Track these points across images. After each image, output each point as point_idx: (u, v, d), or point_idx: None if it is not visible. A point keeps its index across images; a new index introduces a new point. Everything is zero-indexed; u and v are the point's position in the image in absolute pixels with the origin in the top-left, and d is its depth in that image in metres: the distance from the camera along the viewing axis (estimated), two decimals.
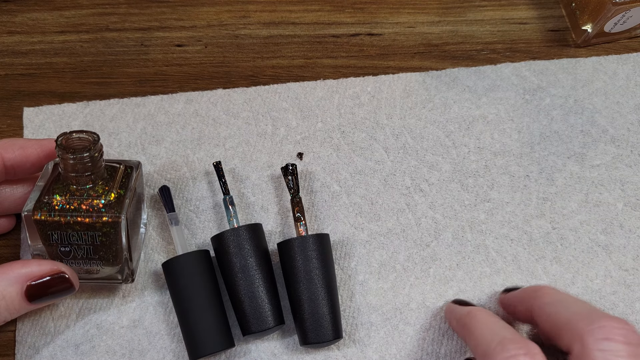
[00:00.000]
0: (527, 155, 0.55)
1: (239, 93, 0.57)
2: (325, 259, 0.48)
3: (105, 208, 0.44)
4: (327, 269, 0.48)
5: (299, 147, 0.55)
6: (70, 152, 0.43)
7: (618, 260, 0.52)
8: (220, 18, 0.61)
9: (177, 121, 0.56)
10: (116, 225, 0.44)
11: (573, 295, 0.49)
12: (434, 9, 0.62)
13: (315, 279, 0.47)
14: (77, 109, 0.56)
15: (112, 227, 0.44)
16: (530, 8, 0.62)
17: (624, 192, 0.54)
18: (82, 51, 0.59)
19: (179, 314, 0.47)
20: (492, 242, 0.53)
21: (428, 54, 0.60)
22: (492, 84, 0.58)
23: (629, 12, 0.56)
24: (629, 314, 0.51)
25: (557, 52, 0.60)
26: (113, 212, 0.44)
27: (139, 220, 0.51)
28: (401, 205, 0.54)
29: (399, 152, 0.55)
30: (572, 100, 0.57)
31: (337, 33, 0.61)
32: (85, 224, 0.44)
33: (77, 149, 0.43)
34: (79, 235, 0.44)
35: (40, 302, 0.44)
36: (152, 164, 0.55)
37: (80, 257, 0.45)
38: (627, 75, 0.59)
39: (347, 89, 0.58)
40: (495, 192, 0.54)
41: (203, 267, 0.48)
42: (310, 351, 0.49)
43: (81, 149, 0.43)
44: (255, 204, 0.53)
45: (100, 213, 0.44)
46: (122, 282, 0.48)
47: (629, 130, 0.56)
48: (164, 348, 0.49)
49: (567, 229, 0.53)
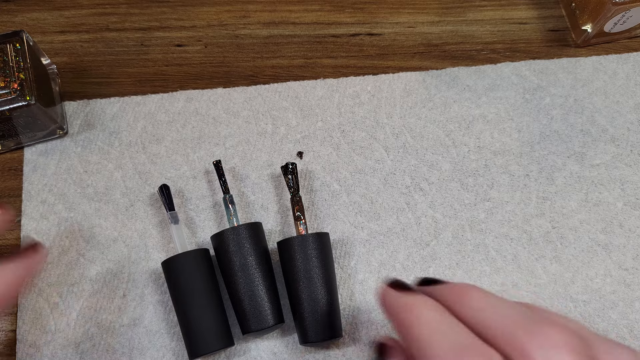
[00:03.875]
0: (527, 154, 0.55)
1: (239, 92, 0.57)
2: (324, 257, 0.48)
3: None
4: (327, 268, 0.48)
5: (299, 146, 0.55)
6: None
7: (618, 260, 0.52)
8: (220, 18, 0.61)
9: (178, 120, 0.56)
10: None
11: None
12: (434, 9, 0.62)
13: (315, 277, 0.47)
14: (77, 107, 0.57)
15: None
16: (530, 8, 0.62)
17: (624, 192, 0.54)
18: (82, 51, 0.60)
19: (179, 313, 0.47)
20: (492, 241, 0.53)
21: (428, 54, 0.60)
22: (492, 84, 0.58)
23: (628, 12, 0.56)
24: (628, 313, 0.51)
25: (557, 52, 0.60)
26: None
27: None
28: (401, 205, 0.54)
29: (399, 151, 0.55)
30: (572, 100, 0.57)
31: (337, 33, 0.61)
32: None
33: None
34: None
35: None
36: (153, 163, 0.55)
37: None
38: (627, 74, 0.59)
39: (347, 88, 0.58)
40: (495, 192, 0.54)
41: (203, 265, 0.48)
42: (311, 350, 0.49)
43: None
44: (255, 202, 0.53)
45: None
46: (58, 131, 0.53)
47: (628, 129, 0.56)
48: (164, 346, 0.49)
49: (567, 228, 0.53)
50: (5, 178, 0.54)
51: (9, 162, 0.55)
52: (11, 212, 0.47)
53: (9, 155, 0.55)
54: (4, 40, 0.52)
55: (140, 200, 0.53)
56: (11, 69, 0.50)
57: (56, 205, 0.53)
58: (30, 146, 0.55)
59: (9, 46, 0.51)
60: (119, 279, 0.51)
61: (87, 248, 0.52)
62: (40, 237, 0.52)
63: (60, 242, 0.52)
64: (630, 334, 0.50)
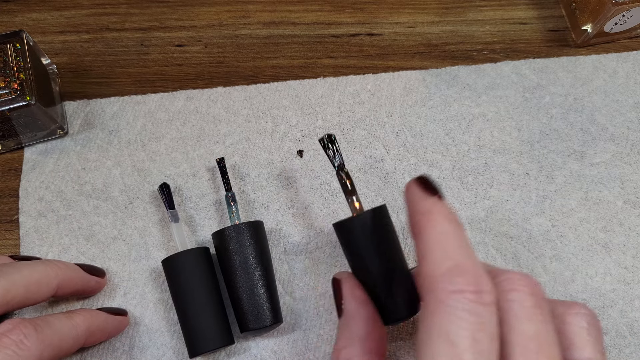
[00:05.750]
0: (527, 153, 0.55)
1: (239, 90, 0.58)
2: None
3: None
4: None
5: (299, 144, 0.55)
6: None
7: (618, 258, 0.52)
8: (220, 18, 0.61)
9: (177, 118, 0.56)
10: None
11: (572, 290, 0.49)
12: (434, 9, 0.62)
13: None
14: (77, 107, 0.57)
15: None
16: (530, 8, 0.63)
17: (624, 190, 0.54)
18: (82, 51, 0.60)
19: (179, 311, 0.47)
20: (492, 240, 0.53)
21: (428, 54, 0.60)
22: (492, 82, 0.58)
23: (628, 12, 0.56)
24: (628, 312, 0.50)
25: (557, 52, 0.60)
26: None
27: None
28: (401, 203, 0.54)
29: (399, 150, 0.55)
30: (571, 99, 0.58)
31: (337, 33, 0.61)
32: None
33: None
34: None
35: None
36: (152, 160, 0.55)
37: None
38: (626, 73, 0.59)
39: (347, 86, 0.58)
40: (495, 190, 0.54)
41: (203, 264, 0.48)
42: (311, 348, 0.49)
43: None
44: (255, 201, 0.53)
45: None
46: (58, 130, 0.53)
47: (628, 128, 0.56)
48: (164, 345, 0.49)
49: (567, 227, 0.53)
50: (5, 178, 0.54)
51: (9, 162, 0.55)
52: (105, 279, 0.51)
53: (9, 156, 0.55)
54: (4, 40, 0.52)
55: (140, 198, 0.53)
56: (11, 69, 0.50)
57: (54, 203, 0.53)
58: (30, 146, 0.55)
59: (9, 46, 0.51)
60: (120, 277, 0.51)
61: (87, 246, 0.52)
62: (39, 235, 0.52)
63: (60, 241, 0.52)
64: (630, 332, 0.50)
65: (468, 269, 0.31)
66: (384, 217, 0.41)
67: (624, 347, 0.49)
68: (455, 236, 0.33)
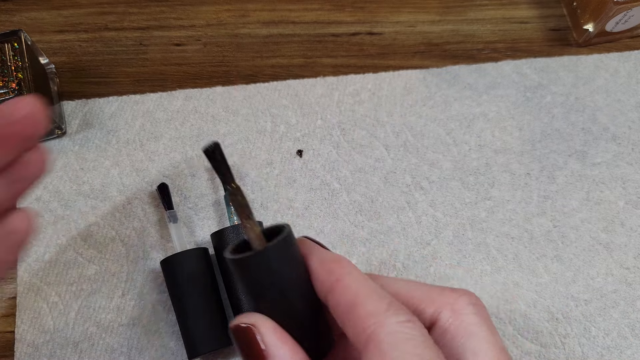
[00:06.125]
0: (528, 153, 0.55)
1: (239, 90, 0.57)
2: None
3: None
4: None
5: (298, 144, 0.55)
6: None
7: (619, 259, 0.52)
8: (220, 17, 0.61)
9: (176, 118, 0.56)
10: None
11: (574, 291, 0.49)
12: (434, 8, 0.62)
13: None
14: (75, 107, 0.56)
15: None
16: (532, 7, 0.62)
17: (625, 190, 0.54)
18: (80, 51, 0.59)
19: (177, 312, 0.47)
20: (493, 240, 0.52)
21: (429, 53, 0.60)
22: (493, 82, 0.58)
23: (630, 12, 0.56)
24: (630, 312, 0.50)
25: (558, 52, 0.60)
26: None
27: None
28: (401, 203, 0.53)
29: (400, 150, 0.55)
30: (573, 98, 0.57)
31: (337, 32, 0.61)
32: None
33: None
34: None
35: None
36: (151, 161, 0.54)
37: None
38: (628, 72, 0.58)
39: (347, 86, 0.58)
40: (496, 190, 0.54)
41: (201, 264, 0.48)
42: None
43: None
44: (254, 201, 0.53)
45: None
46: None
47: (630, 128, 0.56)
48: (163, 346, 0.49)
49: (568, 227, 0.53)
50: None
51: None
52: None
53: None
54: (2, 40, 0.52)
55: (138, 198, 0.53)
56: (9, 69, 0.50)
57: (51, 203, 0.53)
58: None
59: (7, 45, 0.51)
60: (118, 278, 0.51)
61: (85, 247, 0.51)
62: (36, 235, 0.52)
63: (58, 241, 0.52)
64: (631, 333, 0.50)
65: (400, 304, 0.32)
66: (293, 241, 0.33)
67: (625, 348, 0.49)
68: (371, 283, 0.33)
